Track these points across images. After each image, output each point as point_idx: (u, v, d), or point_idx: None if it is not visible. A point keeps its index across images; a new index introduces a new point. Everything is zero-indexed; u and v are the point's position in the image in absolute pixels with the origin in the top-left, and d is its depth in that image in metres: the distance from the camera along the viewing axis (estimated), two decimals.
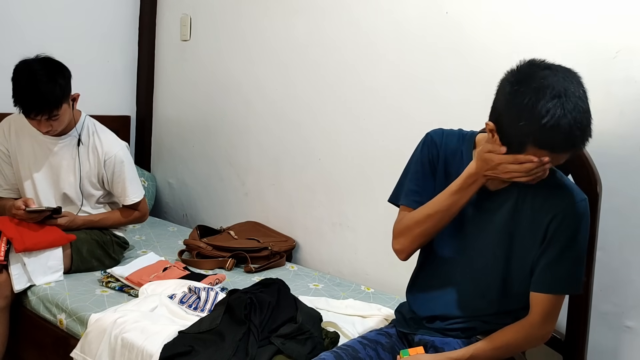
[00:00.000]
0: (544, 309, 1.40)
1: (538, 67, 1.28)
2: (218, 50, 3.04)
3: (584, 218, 1.38)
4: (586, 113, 1.24)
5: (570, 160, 1.59)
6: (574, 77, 1.27)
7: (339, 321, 1.85)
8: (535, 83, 1.24)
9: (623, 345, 1.78)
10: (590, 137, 1.26)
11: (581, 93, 1.25)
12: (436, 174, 1.52)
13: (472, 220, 1.48)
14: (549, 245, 1.39)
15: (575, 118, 1.22)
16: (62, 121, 2.21)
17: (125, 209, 2.45)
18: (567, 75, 1.26)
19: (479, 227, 1.47)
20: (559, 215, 1.37)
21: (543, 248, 1.40)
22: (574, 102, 1.22)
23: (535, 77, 1.25)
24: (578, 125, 1.22)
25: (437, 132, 1.55)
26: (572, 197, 1.38)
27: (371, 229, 2.43)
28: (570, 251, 1.38)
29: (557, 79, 1.24)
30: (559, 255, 1.38)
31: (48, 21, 2.92)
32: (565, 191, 1.39)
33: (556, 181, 1.41)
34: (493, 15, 2.01)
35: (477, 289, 1.48)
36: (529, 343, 1.44)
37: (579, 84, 1.26)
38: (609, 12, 1.75)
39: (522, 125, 1.25)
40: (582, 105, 1.24)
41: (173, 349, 1.62)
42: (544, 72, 1.26)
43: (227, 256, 2.48)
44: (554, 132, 1.22)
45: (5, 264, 2.09)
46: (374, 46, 2.36)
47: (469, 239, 1.49)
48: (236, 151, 2.99)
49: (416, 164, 1.54)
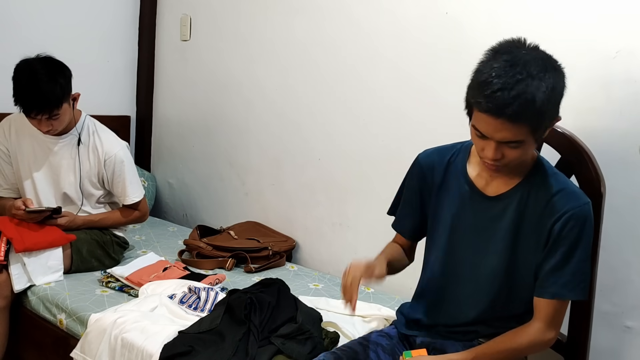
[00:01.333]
0: (547, 315, 1.39)
1: (516, 45, 1.28)
2: (218, 50, 3.04)
3: (588, 222, 1.37)
4: (528, 86, 1.20)
5: (574, 161, 1.59)
6: (544, 62, 1.24)
7: (339, 321, 1.85)
8: (499, 51, 1.26)
9: (623, 345, 1.78)
10: (535, 115, 1.22)
11: (538, 74, 1.21)
12: (429, 199, 1.54)
13: (475, 228, 1.47)
14: (552, 249, 1.37)
15: (511, 84, 1.19)
16: (62, 121, 2.21)
17: (125, 209, 2.45)
18: (538, 58, 1.24)
19: (482, 235, 1.46)
20: (562, 219, 1.35)
21: (546, 252, 1.38)
22: (522, 73, 1.20)
23: (505, 49, 1.26)
24: (511, 91, 1.19)
25: (425, 154, 1.57)
26: (575, 201, 1.36)
27: (371, 229, 2.43)
28: (574, 256, 1.36)
29: (522, 55, 1.23)
30: (562, 260, 1.36)
31: (48, 21, 2.92)
32: (568, 195, 1.38)
33: (559, 185, 1.39)
34: (493, 15, 2.01)
35: (482, 295, 1.47)
36: (532, 348, 1.42)
37: (544, 69, 1.23)
38: (609, 12, 1.74)
39: (469, 84, 1.28)
40: (531, 81, 1.20)
41: (173, 349, 1.62)
42: (518, 50, 1.26)
43: (227, 256, 2.48)
44: (484, 88, 1.21)
45: (5, 264, 2.09)
46: (374, 46, 2.36)
47: (474, 247, 1.48)
48: (236, 151, 2.99)
49: (407, 190, 1.59)
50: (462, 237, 1.49)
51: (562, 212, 1.36)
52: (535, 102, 1.21)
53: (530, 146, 1.31)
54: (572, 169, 1.60)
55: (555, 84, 1.24)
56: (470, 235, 1.48)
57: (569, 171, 1.60)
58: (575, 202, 1.36)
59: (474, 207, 1.47)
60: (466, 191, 1.48)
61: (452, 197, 1.50)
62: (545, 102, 1.22)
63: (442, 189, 1.52)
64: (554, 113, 1.29)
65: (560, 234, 1.36)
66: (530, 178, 1.41)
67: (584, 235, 1.36)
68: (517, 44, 1.29)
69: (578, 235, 1.35)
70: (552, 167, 1.46)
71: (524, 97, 1.20)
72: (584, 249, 1.37)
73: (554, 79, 1.24)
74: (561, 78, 1.28)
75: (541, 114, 1.24)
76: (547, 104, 1.23)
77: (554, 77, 1.24)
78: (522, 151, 1.31)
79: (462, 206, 1.49)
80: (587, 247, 1.38)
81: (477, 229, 1.47)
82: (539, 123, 1.26)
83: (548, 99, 1.23)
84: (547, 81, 1.22)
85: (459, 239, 1.50)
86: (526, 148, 1.31)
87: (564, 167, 1.61)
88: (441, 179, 1.52)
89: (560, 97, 1.29)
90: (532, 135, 1.27)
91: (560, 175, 1.43)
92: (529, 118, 1.23)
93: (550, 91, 1.23)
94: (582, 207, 1.36)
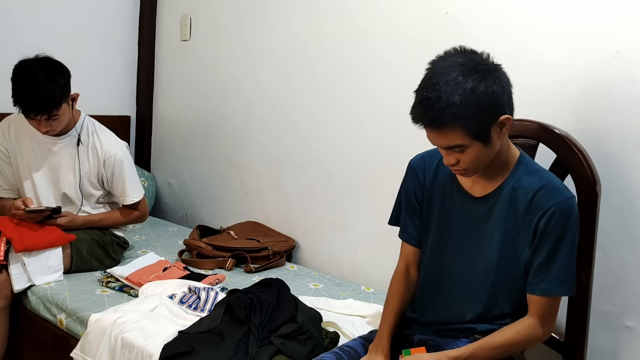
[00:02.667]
0: (540, 311, 1.41)
1: (445, 55, 1.35)
2: (218, 50, 3.04)
3: (571, 216, 1.38)
4: (441, 93, 1.27)
5: (569, 161, 1.61)
6: (466, 67, 1.29)
7: (339, 321, 1.85)
8: (428, 67, 1.35)
9: (623, 345, 1.78)
10: (457, 119, 1.27)
11: (455, 79, 1.27)
12: (423, 204, 1.57)
13: (464, 229, 1.49)
14: (539, 246, 1.39)
15: (427, 94, 1.29)
16: (61, 121, 2.21)
17: (125, 209, 2.45)
18: (460, 64, 1.30)
19: (472, 235, 1.48)
20: (546, 215, 1.37)
21: (533, 249, 1.40)
22: (438, 83, 1.28)
23: (432, 62, 1.35)
24: (428, 101, 1.29)
25: (416, 159, 1.60)
26: (558, 196, 1.38)
27: (371, 229, 2.43)
28: (560, 251, 1.38)
29: (443, 65, 1.31)
30: (549, 257, 1.38)
31: (48, 21, 2.92)
32: (551, 190, 1.39)
33: (541, 181, 1.41)
34: (493, 16, 2.01)
35: (475, 294, 1.49)
36: (528, 342, 1.45)
37: (463, 74, 1.28)
38: (609, 13, 1.74)
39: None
40: (445, 88, 1.27)
41: (173, 349, 1.62)
42: (443, 60, 1.33)
43: (227, 256, 2.48)
44: (412, 104, 1.34)
45: (5, 264, 2.09)
46: (374, 46, 2.36)
47: (464, 247, 1.50)
48: (236, 151, 2.99)
49: (406, 196, 1.61)
50: (453, 238, 1.51)
51: (545, 208, 1.37)
52: (451, 106, 1.27)
53: (483, 148, 1.34)
54: (568, 169, 1.61)
55: (475, 86, 1.28)
56: (460, 236, 1.50)
57: (564, 171, 1.61)
58: (558, 197, 1.38)
59: (462, 208, 1.49)
60: (454, 193, 1.51)
61: (442, 199, 1.53)
62: (464, 105, 1.27)
63: (432, 191, 1.55)
64: (487, 113, 1.31)
65: (545, 230, 1.38)
66: (514, 176, 1.43)
67: (568, 229, 1.38)
68: (448, 53, 1.35)
69: (562, 230, 1.37)
70: (535, 164, 1.48)
71: (438, 105, 1.28)
72: (569, 243, 1.38)
73: (476, 82, 1.28)
74: (489, 79, 1.30)
75: (463, 117, 1.27)
76: (466, 106, 1.27)
77: (476, 80, 1.28)
78: (475, 153, 1.34)
79: (451, 207, 1.52)
80: (572, 242, 1.39)
81: (466, 230, 1.49)
82: (468, 125, 1.29)
83: (466, 102, 1.27)
84: (465, 85, 1.27)
85: (449, 240, 1.52)
86: (478, 150, 1.34)
87: (560, 167, 1.62)
88: (431, 182, 1.55)
89: (490, 97, 1.30)
90: (473, 138, 1.31)
91: (543, 172, 1.45)
92: (452, 121, 1.28)
93: (468, 93, 1.27)
94: (564, 201, 1.38)
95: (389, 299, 1.60)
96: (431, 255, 1.56)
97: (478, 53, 1.35)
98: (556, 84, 1.85)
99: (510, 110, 1.36)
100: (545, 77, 1.87)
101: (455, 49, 1.36)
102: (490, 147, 1.35)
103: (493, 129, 1.33)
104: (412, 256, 1.62)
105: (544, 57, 1.88)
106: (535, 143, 1.68)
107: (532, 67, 1.89)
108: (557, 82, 1.85)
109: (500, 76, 1.33)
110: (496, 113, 1.32)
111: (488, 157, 1.38)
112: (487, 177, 1.46)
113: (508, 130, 1.36)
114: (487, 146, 1.34)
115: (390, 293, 1.61)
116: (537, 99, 1.86)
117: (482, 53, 1.36)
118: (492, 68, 1.33)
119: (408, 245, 1.62)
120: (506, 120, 1.33)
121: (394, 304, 1.58)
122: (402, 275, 1.62)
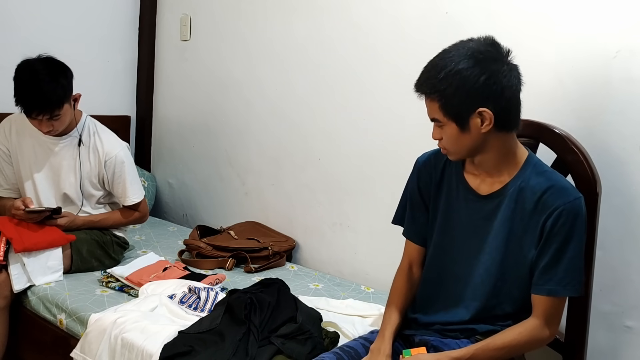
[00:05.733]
0: (545, 311, 1.39)
1: (474, 39, 1.39)
2: (218, 50, 3.04)
3: (579, 217, 1.37)
4: (437, 64, 1.36)
5: (569, 161, 1.60)
6: (468, 51, 1.33)
7: (339, 321, 1.85)
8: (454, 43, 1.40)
9: (623, 345, 1.78)
10: (434, 86, 1.35)
11: (452, 57, 1.33)
12: (429, 200, 1.57)
13: (469, 227, 1.49)
14: (545, 246, 1.38)
15: (428, 64, 1.39)
16: (63, 121, 2.21)
17: (126, 210, 2.45)
18: (465, 47, 1.35)
19: (476, 234, 1.48)
20: (553, 216, 1.36)
21: (540, 249, 1.39)
22: (440, 57, 1.36)
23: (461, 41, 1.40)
24: (424, 68, 1.39)
25: (424, 157, 1.61)
26: (566, 197, 1.37)
27: (371, 229, 2.43)
28: (567, 252, 1.37)
29: (454, 46, 1.37)
30: (556, 257, 1.37)
31: (48, 21, 2.92)
32: (558, 191, 1.38)
33: (549, 181, 1.40)
34: (493, 16, 2.01)
35: (477, 293, 1.48)
36: (532, 345, 1.43)
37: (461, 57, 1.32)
38: (609, 12, 1.74)
39: None
40: (439, 61, 1.35)
41: (173, 349, 1.62)
42: (459, 43, 1.38)
43: (227, 256, 2.48)
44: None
45: (4, 264, 2.09)
46: (374, 46, 2.36)
47: (468, 246, 1.49)
48: (236, 151, 2.99)
49: (412, 194, 1.61)
50: (457, 237, 1.51)
51: (552, 208, 1.37)
52: (433, 78, 1.35)
53: (459, 132, 1.37)
54: (568, 168, 1.61)
55: (464, 69, 1.31)
56: (465, 235, 1.50)
57: (565, 170, 1.61)
58: (565, 197, 1.37)
59: (467, 206, 1.49)
60: (460, 190, 1.50)
61: (448, 197, 1.53)
62: (445, 81, 1.32)
63: (439, 189, 1.55)
64: (467, 98, 1.33)
65: (552, 230, 1.37)
66: (521, 176, 1.43)
67: (575, 230, 1.37)
68: (474, 38, 1.39)
69: (570, 231, 1.36)
70: (543, 164, 1.47)
71: (427, 74, 1.37)
72: (577, 244, 1.38)
73: (468, 66, 1.31)
74: (484, 70, 1.31)
75: (441, 92, 1.34)
76: (446, 83, 1.32)
77: (465, 64, 1.31)
78: (451, 134, 1.38)
79: (456, 206, 1.51)
80: (579, 243, 1.38)
81: (471, 228, 1.48)
82: (445, 102, 1.34)
83: (448, 79, 1.32)
84: (456, 66, 1.31)
85: (453, 238, 1.52)
86: (454, 132, 1.37)
87: (560, 166, 1.62)
88: (438, 180, 1.55)
89: (475, 85, 1.31)
90: (449, 117, 1.36)
91: (551, 172, 1.44)
92: (430, 92, 1.36)
93: (454, 73, 1.31)
94: (572, 202, 1.37)
95: (392, 298, 1.60)
96: (434, 252, 1.56)
97: (500, 47, 1.37)
98: (556, 83, 1.85)
99: (496, 108, 1.34)
100: (545, 77, 1.87)
101: (484, 37, 1.38)
102: (468, 134, 1.36)
103: (472, 117, 1.34)
104: (416, 254, 1.62)
105: (544, 56, 1.88)
106: (535, 142, 1.68)
107: (532, 66, 1.88)
108: (557, 82, 1.85)
109: (503, 76, 1.33)
110: (477, 102, 1.33)
111: (467, 144, 1.39)
112: (493, 176, 1.45)
113: (489, 126, 1.35)
114: (463, 131, 1.36)
115: (392, 292, 1.61)
116: (537, 98, 1.86)
117: (504, 50, 1.37)
118: (499, 64, 1.33)
119: (412, 244, 1.62)
120: (485, 114, 1.33)
121: (397, 304, 1.58)
122: (405, 273, 1.62)
